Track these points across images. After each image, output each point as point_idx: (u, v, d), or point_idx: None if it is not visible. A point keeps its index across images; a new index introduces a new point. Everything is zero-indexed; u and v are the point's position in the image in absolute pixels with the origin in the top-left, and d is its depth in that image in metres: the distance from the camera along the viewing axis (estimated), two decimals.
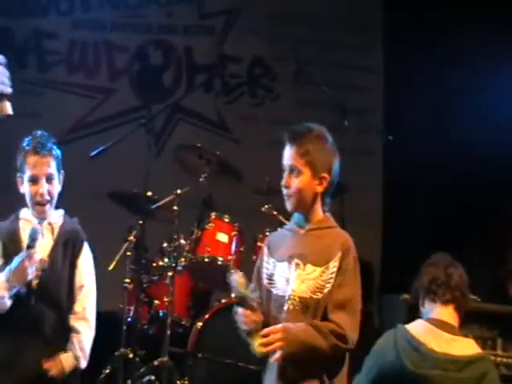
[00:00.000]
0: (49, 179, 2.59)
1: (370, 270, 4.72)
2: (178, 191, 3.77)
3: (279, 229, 2.43)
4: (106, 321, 3.34)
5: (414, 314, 2.46)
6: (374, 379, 2.31)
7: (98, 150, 3.81)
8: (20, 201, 2.66)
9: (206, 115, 5.29)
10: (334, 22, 5.34)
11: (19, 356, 2.51)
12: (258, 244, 3.69)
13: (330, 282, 2.21)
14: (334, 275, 2.21)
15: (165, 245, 3.77)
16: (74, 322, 2.60)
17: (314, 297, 2.21)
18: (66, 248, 2.61)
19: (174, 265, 3.66)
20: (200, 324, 3.54)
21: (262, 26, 5.31)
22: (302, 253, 2.25)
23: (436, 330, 2.31)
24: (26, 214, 2.65)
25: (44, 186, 2.57)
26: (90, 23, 5.25)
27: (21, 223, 2.62)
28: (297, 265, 2.24)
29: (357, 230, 4.15)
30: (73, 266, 2.61)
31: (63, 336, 2.60)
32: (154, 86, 5.32)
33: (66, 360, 2.56)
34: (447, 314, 2.36)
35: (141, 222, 3.83)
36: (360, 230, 4.51)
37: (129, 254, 3.74)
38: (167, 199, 3.81)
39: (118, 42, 5.27)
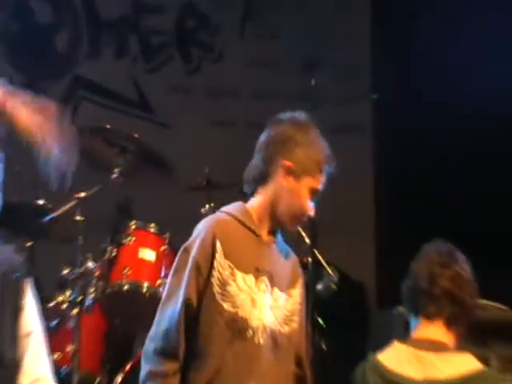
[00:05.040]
0: None
1: (360, 289, 4.95)
2: (82, 194, 3.83)
3: (229, 217, 2.58)
4: None
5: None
6: None
7: None
8: None
9: (120, 90, 5.39)
10: None
11: None
12: None
13: (295, 314, 2.58)
14: (298, 306, 2.60)
15: (65, 272, 3.81)
16: None
17: (282, 330, 2.55)
18: (5, 285, 2.64)
19: (79, 299, 3.72)
20: (119, 380, 3.63)
21: None
22: (269, 270, 2.55)
23: (416, 352, 2.46)
24: None
25: None
26: None
27: None
28: (266, 286, 2.53)
29: (338, 237, 4.37)
30: (16, 310, 2.64)
31: None
32: (41, 53, 5.42)
33: None
34: (432, 329, 2.49)
35: (29, 243, 3.94)
36: (343, 238, 4.79)
37: None
38: (66, 207, 3.87)
39: None
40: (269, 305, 2.52)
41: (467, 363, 2.44)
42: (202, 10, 5.53)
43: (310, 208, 2.59)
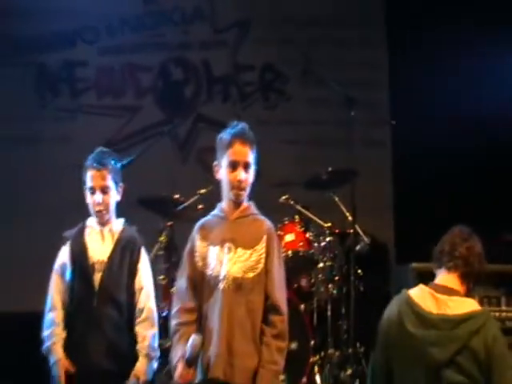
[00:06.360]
0: (104, 191, 2.84)
1: (385, 250, 4.89)
2: (202, 191, 3.97)
3: (208, 217, 2.65)
4: None
5: (422, 280, 2.58)
6: (381, 339, 2.51)
7: (127, 160, 3.95)
8: None
9: (225, 122, 5.43)
10: (337, 22, 5.55)
11: (83, 354, 2.73)
12: (278, 232, 3.90)
13: (260, 263, 2.49)
14: (263, 256, 2.49)
15: None
16: (137, 326, 2.79)
17: (247, 276, 2.48)
18: (124, 253, 2.83)
19: None
20: None
21: (271, 33, 5.53)
22: (232, 237, 2.52)
23: (435, 294, 2.44)
24: (91, 222, 2.94)
25: (98, 197, 2.84)
26: (114, 48, 5.52)
27: (86, 230, 2.92)
28: (229, 248, 2.51)
29: (369, 214, 4.42)
30: (132, 271, 2.81)
31: (123, 334, 2.78)
32: (176, 100, 5.56)
33: (140, 367, 2.75)
34: (449, 279, 2.47)
35: (170, 223, 4.06)
36: (372, 215, 4.81)
37: (160, 253, 3.95)
38: (192, 200, 4.01)
39: (141, 63, 5.54)
40: (232, 261, 2.48)
41: (470, 305, 2.41)
42: (277, 67, 5.60)
43: (236, 176, 2.53)
